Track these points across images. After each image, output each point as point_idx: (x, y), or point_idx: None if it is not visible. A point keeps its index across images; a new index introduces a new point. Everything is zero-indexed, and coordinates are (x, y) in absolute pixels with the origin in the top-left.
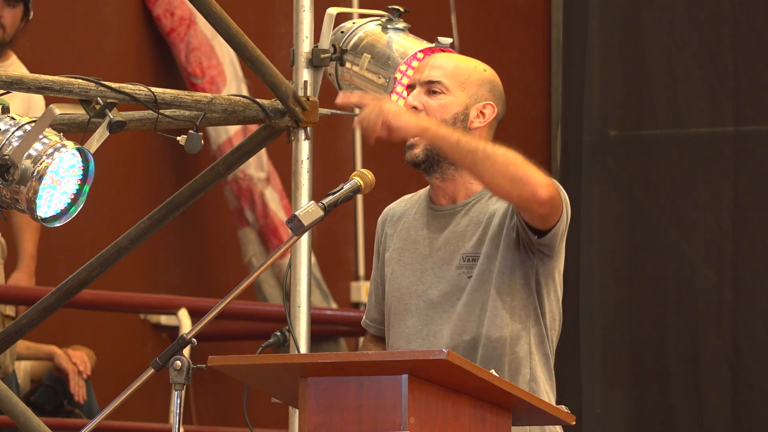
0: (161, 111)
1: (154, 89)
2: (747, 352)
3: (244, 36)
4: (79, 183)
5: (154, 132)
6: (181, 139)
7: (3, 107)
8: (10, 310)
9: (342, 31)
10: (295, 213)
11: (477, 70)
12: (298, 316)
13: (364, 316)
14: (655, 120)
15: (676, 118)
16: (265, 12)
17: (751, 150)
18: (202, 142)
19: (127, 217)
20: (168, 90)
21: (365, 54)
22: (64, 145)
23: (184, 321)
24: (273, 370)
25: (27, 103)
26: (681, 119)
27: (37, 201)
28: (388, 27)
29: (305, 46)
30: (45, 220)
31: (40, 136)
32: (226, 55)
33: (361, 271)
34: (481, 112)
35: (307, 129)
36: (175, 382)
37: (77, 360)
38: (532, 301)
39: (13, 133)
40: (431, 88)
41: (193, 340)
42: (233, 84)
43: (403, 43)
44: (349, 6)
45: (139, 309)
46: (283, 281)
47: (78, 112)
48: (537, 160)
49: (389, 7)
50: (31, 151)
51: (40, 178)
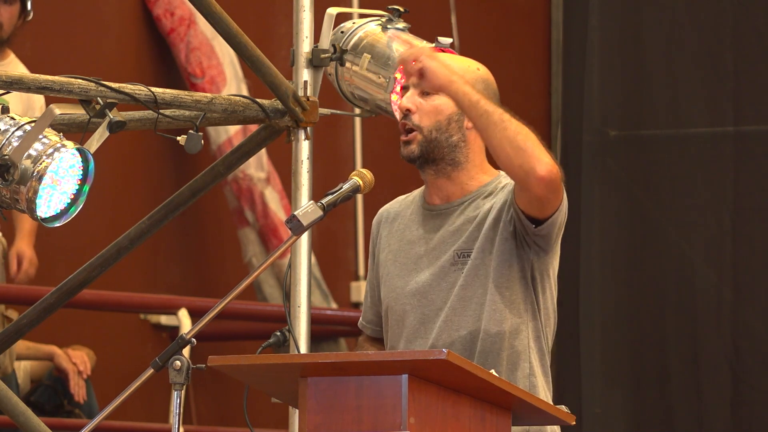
0: (161, 111)
1: (154, 89)
2: (747, 352)
3: (244, 36)
4: (79, 183)
5: (154, 132)
6: (181, 139)
7: (3, 107)
8: (12, 314)
9: (342, 31)
10: (295, 213)
11: (470, 70)
12: (298, 316)
13: (361, 318)
14: (655, 120)
15: (676, 118)
16: (265, 12)
17: (751, 150)
18: (202, 142)
19: (127, 217)
20: (168, 90)
21: (365, 54)
22: (64, 145)
23: (184, 321)
24: (273, 370)
25: (27, 103)
26: (681, 119)
27: (37, 201)
28: (388, 27)
29: (305, 46)
30: (45, 220)
31: (40, 136)
32: (226, 55)
33: (361, 271)
34: None
35: (307, 129)
36: (175, 382)
37: (77, 360)
38: (530, 296)
39: (13, 133)
40: (425, 89)
41: (193, 340)
42: (233, 84)
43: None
44: (349, 6)
45: (139, 309)
46: (283, 281)
47: (78, 112)
48: None
49: (389, 7)
50: (31, 151)
51: (40, 178)
